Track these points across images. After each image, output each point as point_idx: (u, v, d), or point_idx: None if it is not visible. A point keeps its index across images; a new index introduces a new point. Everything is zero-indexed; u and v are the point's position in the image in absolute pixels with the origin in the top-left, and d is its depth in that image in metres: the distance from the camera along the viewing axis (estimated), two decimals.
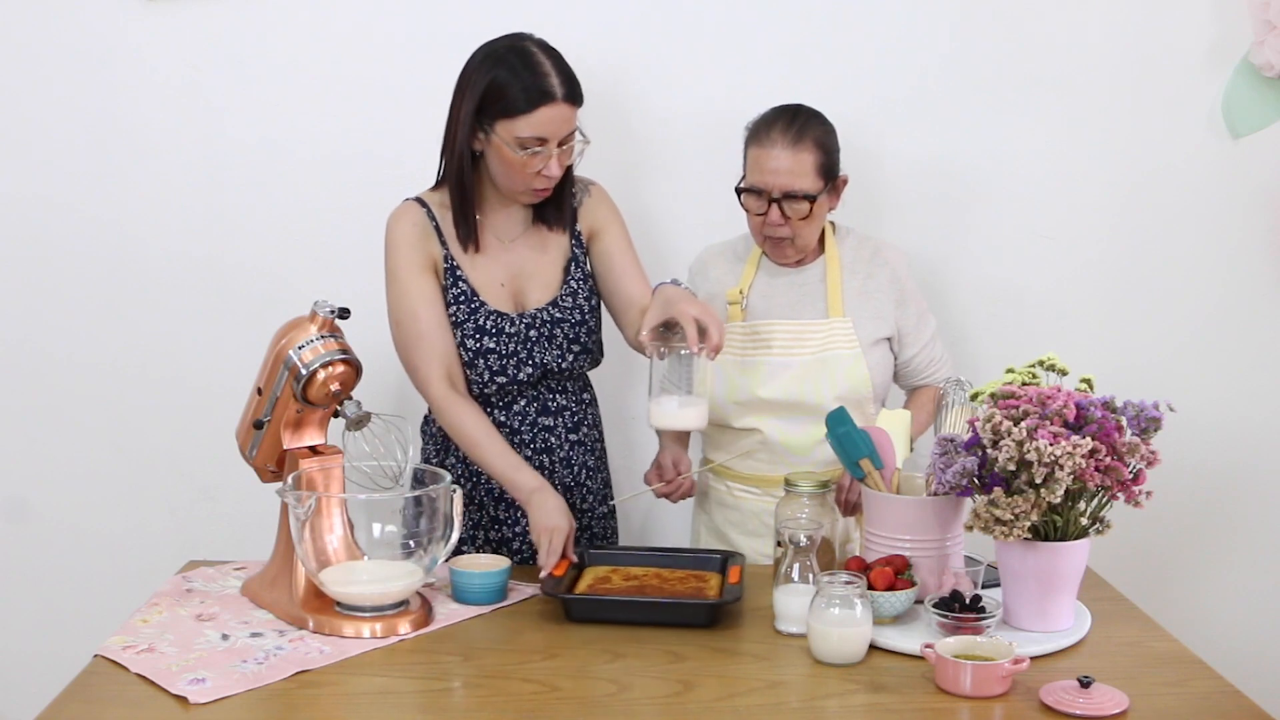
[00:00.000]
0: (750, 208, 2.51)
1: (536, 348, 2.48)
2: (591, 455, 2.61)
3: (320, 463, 2.20)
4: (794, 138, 2.46)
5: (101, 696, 1.91)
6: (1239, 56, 2.98)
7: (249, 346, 2.36)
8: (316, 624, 2.11)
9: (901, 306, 2.57)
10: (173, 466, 3.09)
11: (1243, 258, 3.07)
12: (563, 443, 2.56)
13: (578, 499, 2.58)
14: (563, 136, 2.37)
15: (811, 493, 2.23)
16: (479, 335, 2.46)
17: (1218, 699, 1.89)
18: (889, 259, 2.59)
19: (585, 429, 2.60)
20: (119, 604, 2.42)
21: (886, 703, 1.87)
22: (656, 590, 2.22)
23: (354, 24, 2.97)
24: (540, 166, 2.37)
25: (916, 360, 2.61)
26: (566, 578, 2.23)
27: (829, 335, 2.53)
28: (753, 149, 2.50)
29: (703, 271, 2.67)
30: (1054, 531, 2.04)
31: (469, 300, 2.46)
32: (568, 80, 2.37)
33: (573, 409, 2.57)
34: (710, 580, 2.26)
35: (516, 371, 2.47)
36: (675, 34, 2.99)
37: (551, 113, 2.34)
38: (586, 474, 2.60)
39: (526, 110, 2.33)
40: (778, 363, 2.53)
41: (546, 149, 2.36)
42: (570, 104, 2.36)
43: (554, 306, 2.50)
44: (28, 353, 3.06)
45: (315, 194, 3.00)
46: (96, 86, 2.97)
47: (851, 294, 2.56)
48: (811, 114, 2.52)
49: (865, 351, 2.53)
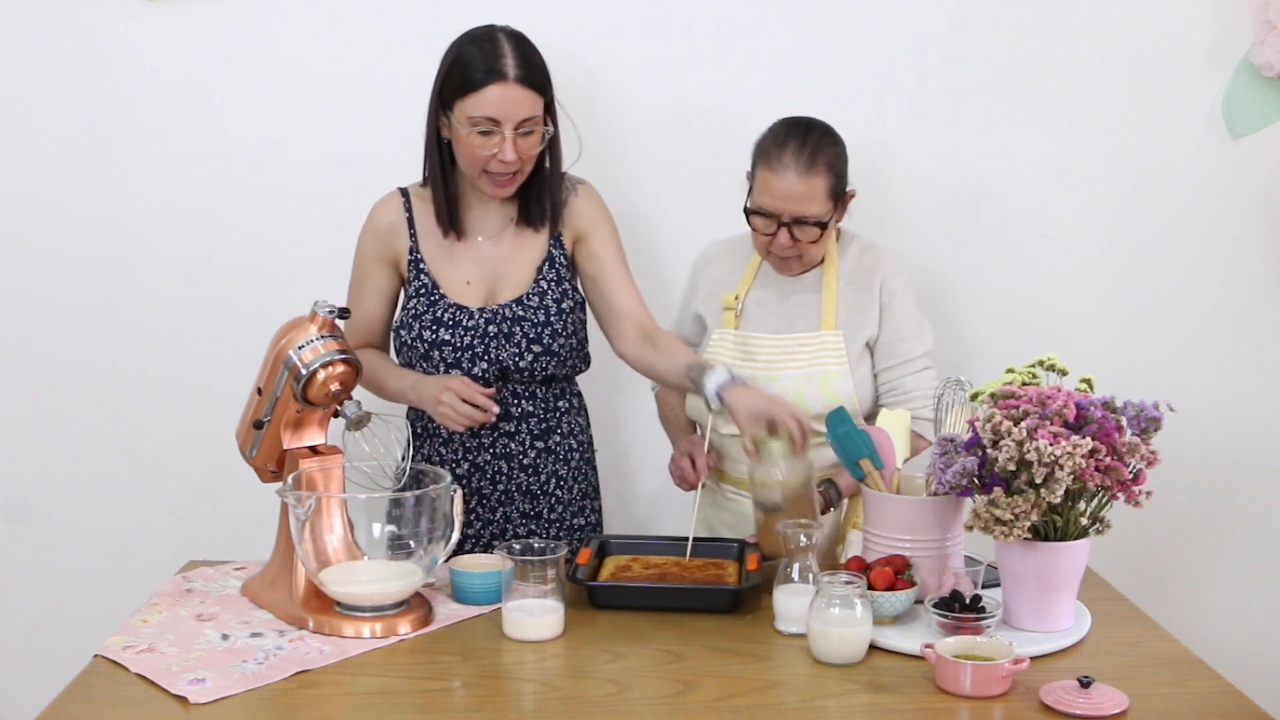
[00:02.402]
0: (759, 228, 2.48)
1: (493, 344, 2.47)
2: (564, 465, 2.58)
3: (320, 463, 2.20)
4: (806, 163, 2.42)
5: (101, 696, 1.91)
6: (1239, 56, 2.98)
7: (249, 347, 2.35)
8: (316, 624, 2.11)
9: (880, 318, 2.53)
10: (173, 466, 3.09)
11: (1243, 258, 3.07)
12: (527, 449, 2.54)
13: (544, 507, 2.57)
14: (518, 120, 2.34)
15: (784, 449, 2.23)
16: (435, 327, 2.47)
17: (1218, 699, 1.89)
18: (882, 269, 2.54)
19: (557, 437, 2.57)
20: (119, 604, 2.42)
21: (886, 703, 1.87)
22: (677, 578, 2.26)
23: (354, 24, 2.97)
24: (493, 150, 2.34)
25: (880, 379, 2.55)
26: (589, 566, 2.28)
27: (818, 350, 2.52)
28: (763, 171, 2.45)
29: (705, 267, 2.66)
30: (1054, 531, 2.04)
31: (429, 293, 2.49)
32: (525, 64, 2.35)
33: (540, 415, 2.55)
34: (728, 568, 2.31)
35: (471, 366, 2.47)
36: (675, 34, 2.99)
37: (501, 92, 2.32)
38: (556, 483, 2.57)
39: (477, 88, 2.32)
40: (763, 377, 2.51)
41: (499, 132, 2.33)
42: (524, 86, 2.33)
43: (517, 304, 2.48)
44: (28, 353, 3.06)
45: (315, 194, 3.00)
46: (96, 87, 2.97)
47: (846, 306, 2.54)
48: (822, 133, 2.47)
49: (854, 366, 2.51)
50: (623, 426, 3.08)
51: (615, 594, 2.21)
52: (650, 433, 2.88)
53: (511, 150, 2.35)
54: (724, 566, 2.32)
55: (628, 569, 2.32)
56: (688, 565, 2.32)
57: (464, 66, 2.35)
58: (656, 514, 3.12)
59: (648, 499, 3.14)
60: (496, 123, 2.33)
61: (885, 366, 2.55)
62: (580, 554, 2.31)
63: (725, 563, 2.34)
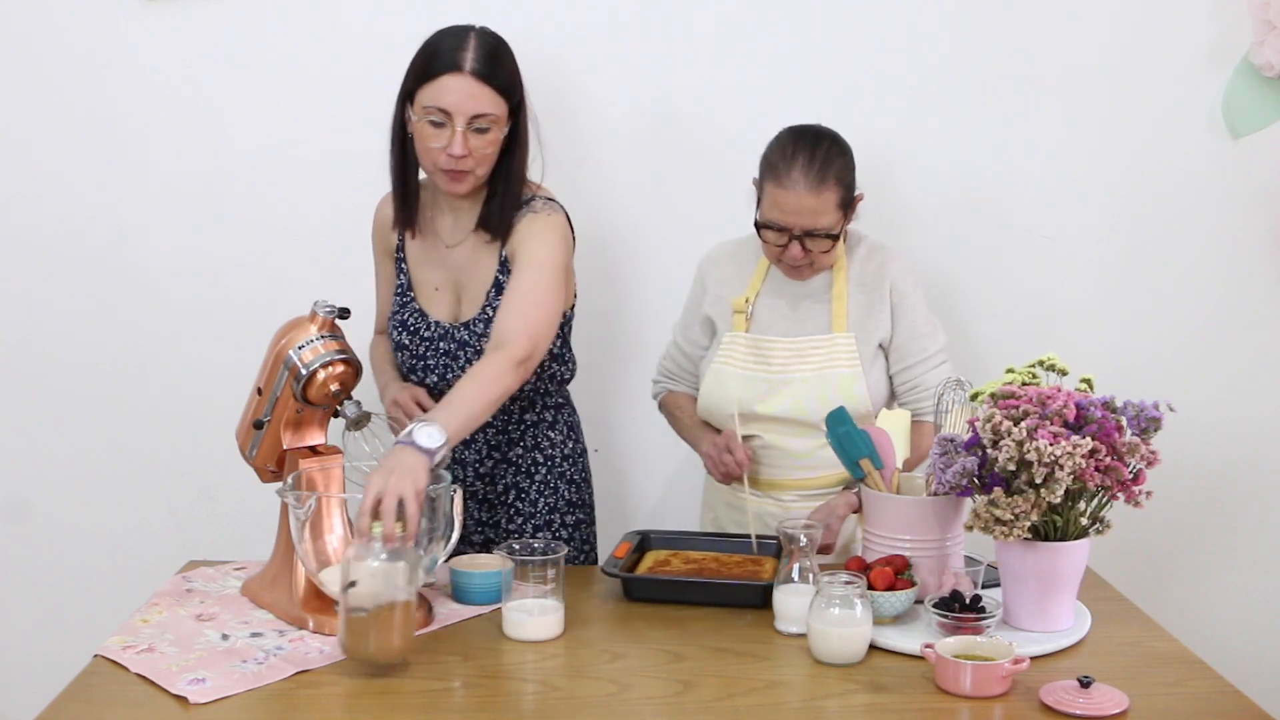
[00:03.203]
0: (769, 240, 2.46)
1: (443, 360, 2.46)
2: (528, 480, 2.56)
3: (320, 463, 2.20)
4: (817, 178, 2.39)
5: (101, 696, 1.91)
6: (1239, 56, 2.98)
7: (249, 347, 2.35)
8: (316, 624, 2.11)
9: (893, 319, 2.53)
10: (173, 466, 3.09)
11: (1243, 258, 3.07)
12: (483, 459, 2.54)
13: (502, 518, 2.57)
14: (470, 115, 2.29)
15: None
16: (400, 328, 2.50)
17: (1218, 699, 1.89)
18: (891, 271, 2.54)
19: (521, 450, 2.55)
20: (119, 604, 2.42)
21: (886, 703, 1.87)
22: (714, 573, 2.29)
23: (354, 25, 2.97)
24: (444, 143, 2.31)
25: (898, 379, 2.56)
26: (628, 559, 2.31)
27: (830, 352, 2.51)
28: (772, 187, 2.43)
29: (712, 270, 2.64)
30: (1054, 531, 2.04)
31: (403, 292, 2.51)
32: (487, 61, 2.31)
33: (500, 427, 2.53)
34: (766, 565, 2.33)
35: (424, 376, 2.48)
36: (674, 34, 2.99)
37: (454, 82, 2.29)
38: (516, 495, 2.56)
39: (433, 76, 2.30)
40: (777, 379, 2.51)
41: (450, 125, 2.31)
42: (481, 81, 2.29)
43: (465, 328, 2.46)
44: (28, 352, 3.06)
45: (315, 194, 3.00)
46: (96, 87, 2.97)
47: (857, 308, 2.53)
48: (831, 143, 2.44)
49: (866, 368, 2.51)
50: (618, 431, 3.08)
51: (652, 587, 2.25)
52: (645, 437, 2.89)
53: (460, 144, 2.30)
54: (761, 563, 2.33)
55: (667, 564, 2.35)
56: (725, 561, 2.35)
57: (427, 56, 2.33)
58: (664, 513, 3.11)
59: (646, 500, 3.14)
60: (448, 114, 2.30)
61: (904, 366, 2.55)
62: (619, 548, 2.34)
63: (764, 559, 2.35)
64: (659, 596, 2.24)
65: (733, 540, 2.43)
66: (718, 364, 2.56)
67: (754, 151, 2.49)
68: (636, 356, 3.02)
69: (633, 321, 3.05)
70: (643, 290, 3.03)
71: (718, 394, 2.55)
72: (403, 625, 1.92)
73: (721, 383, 2.54)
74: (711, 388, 2.56)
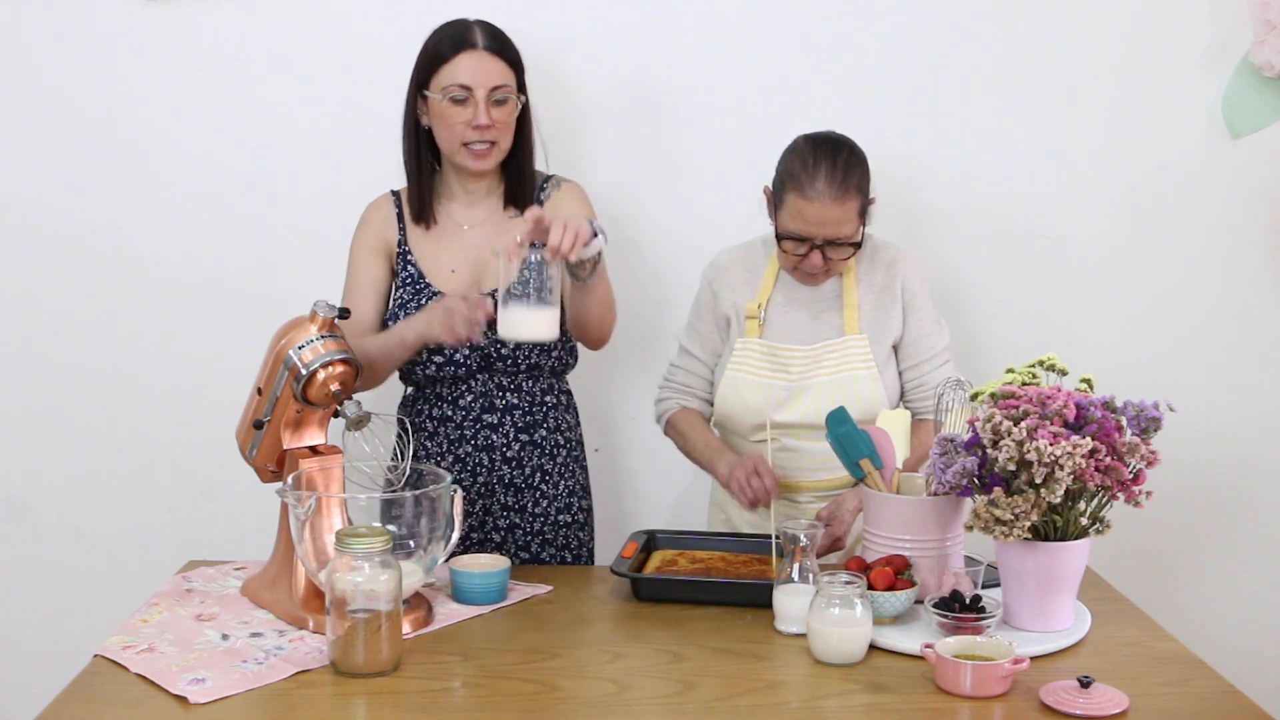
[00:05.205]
0: (789, 250, 2.46)
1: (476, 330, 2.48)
2: (550, 460, 2.59)
3: (320, 463, 2.20)
4: (839, 189, 2.39)
5: (101, 696, 1.91)
6: (1239, 56, 2.98)
7: (249, 347, 2.36)
8: (316, 624, 2.11)
9: (904, 317, 2.54)
10: (173, 466, 3.09)
11: (1242, 257, 3.07)
12: (510, 441, 2.55)
13: (529, 501, 2.58)
14: (489, 86, 2.42)
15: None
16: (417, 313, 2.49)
17: (1218, 699, 1.89)
18: (901, 270, 2.54)
19: (544, 431, 2.58)
20: (119, 604, 2.42)
21: (886, 703, 1.87)
22: (721, 573, 2.30)
23: (355, 25, 2.97)
24: (469, 117, 2.41)
25: (904, 377, 2.57)
26: (635, 559, 2.31)
27: (845, 354, 2.51)
28: (794, 197, 2.42)
29: (720, 276, 2.62)
30: (1054, 531, 2.04)
31: (414, 282, 2.53)
32: (494, 37, 2.45)
33: (525, 408, 2.56)
34: (772, 564, 2.32)
35: (454, 352, 2.49)
36: (674, 33, 2.99)
37: (472, 60, 2.42)
38: (541, 477, 2.58)
39: (448, 59, 2.43)
40: (795, 387, 2.51)
41: (472, 98, 2.41)
42: (494, 55, 2.43)
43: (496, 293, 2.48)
44: (28, 353, 3.06)
45: (315, 194, 3.00)
46: (97, 87, 2.97)
47: (869, 309, 2.53)
48: (849, 152, 2.44)
49: (881, 368, 2.51)
50: (616, 426, 3.08)
51: (659, 587, 2.25)
52: (645, 432, 2.88)
53: (485, 115, 2.41)
54: (768, 562, 2.33)
55: (674, 563, 2.35)
56: (733, 560, 2.35)
57: (437, 44, 2.46)
58: (679, 514, 3.11)
59: (646, 500, 3.14)
60: (469, 89, 2.41)
61: (911, 364, 2.56)
62: (626, 547, 2.35)
63: (770, 559, 2.34)
64: (668, 596, 2.25)
65: (739, 540, 2.43)
66: (732, 371, 2.55)
67: (755, 149, 2.50)
68: (637, 356, 3.02)
69: (633, 320, 3.05)
70: (643, 290, 3.03)
71: (735, 403, 2.54)
72: (390, 636, 1.95)
73: (739, 391, 2.54)
74: (728, 396, 2.55)
